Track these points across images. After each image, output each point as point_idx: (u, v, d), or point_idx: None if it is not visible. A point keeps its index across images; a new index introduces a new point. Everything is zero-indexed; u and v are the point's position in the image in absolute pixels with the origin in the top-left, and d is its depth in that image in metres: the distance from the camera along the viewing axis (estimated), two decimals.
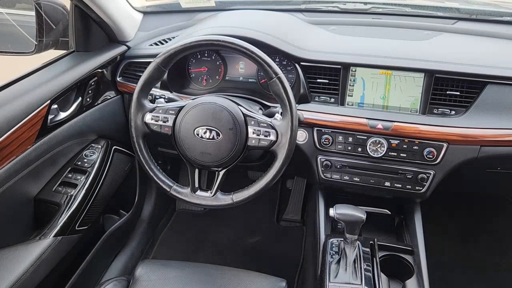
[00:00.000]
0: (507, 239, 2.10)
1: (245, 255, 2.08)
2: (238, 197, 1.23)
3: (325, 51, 1.47)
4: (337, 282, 1.21)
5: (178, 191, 1.27)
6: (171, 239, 2.16)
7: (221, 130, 1.19)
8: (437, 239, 2.08)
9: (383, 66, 1.40)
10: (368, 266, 1.27)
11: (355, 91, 1.44)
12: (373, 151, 1.40)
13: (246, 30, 1.46)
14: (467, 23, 1.72)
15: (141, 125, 1.25)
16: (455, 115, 1.38)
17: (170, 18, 1.81)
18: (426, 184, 1.40)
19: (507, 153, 1.36)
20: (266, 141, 1.20)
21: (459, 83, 1.37)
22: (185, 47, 1.18)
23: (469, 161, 1.36)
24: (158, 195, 2.09)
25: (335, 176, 1.47)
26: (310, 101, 1.47)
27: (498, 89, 1.35)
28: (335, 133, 1.42)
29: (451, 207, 2.22)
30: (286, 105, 1.18)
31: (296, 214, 2.30)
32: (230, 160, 1.22)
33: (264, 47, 1.44)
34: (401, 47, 1.49)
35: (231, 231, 2.21)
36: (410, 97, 1.41)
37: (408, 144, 1.37)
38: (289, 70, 1.55)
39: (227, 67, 1.64)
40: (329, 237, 1.41)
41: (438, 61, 1.38)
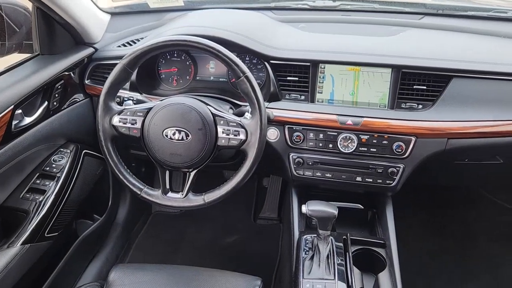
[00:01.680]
0: (478, 229, 2.15)
1: (223, 255, 2.08)
2: (210, 198, 1.23)
3: (294, 49, 1.47)
4: (311, 278, 1.22)
5: (148, 193, 1.25)
6: (148, 242, 2.13)
7: (190, 131, 1.19)
8: (410, 231, 2.12)
9: (351, 62, 1.41)
10: (342, 260, 1.29)
11: (324, 88, 1.45)
12: (344, 147, 1.41)
13: (214, 30, 1.45)
14: (433, 18, 1.75)
15: (109, 128, 1.23)
16: (422, 109, 1.40)
17: (138, 18, 1.79)
18: (396, 177, 1.42)
19: (473, 145, 1.38)
20: (236, 141, 1.20)
21: (425, 78, 1.39)
22: (151, 48, 1.17)
23: (437, 153, 1.39)
24: (133, 198, 2.07)
25: (307, 173, 1.47)
26: (281, 99, 1.48)
27: (463, 83, 1.38)
28: (306, 130, 1.43)
29: (423, 200, 2.26)
30: (254, 104, 1.18)
31: (273, 212, 2.31)
32: (200, 161, 1.21)
33: (232, 46, 1.44)
34: (369, 43, 1.50)
35: (208, 232, 2.20)
36: (378, 92, 1.42)
37: (377, 139, 1.39)
38: (260, 68, 1.55)
39: (198, 67, 1.63)
40: (303, 233, 1.42)
41: (404, 56, 1.40)
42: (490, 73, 1.38)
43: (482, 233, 2.13)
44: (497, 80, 1.38)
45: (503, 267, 1.97)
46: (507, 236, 2.12)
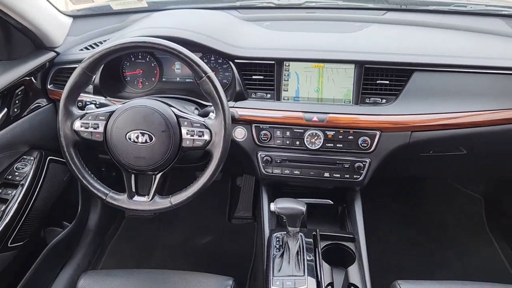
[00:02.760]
0: (447, 219, 2.20)
1: (197, 256, 2.07)
2: (177, 200, 1.22)
3: (258, 48, 1.48)
4: (281, 276, 1.23)
5: (114, 198, 1.24)
6: (121, 247, 2.11)
7: (154, 133, 1.17)
8: (381, 224, 2.15)
9: (314, 59, 1.42)
10: (311, 256, 1.30)
11: (290, 86, 1.46)
12: (311, 144, 1.42)
13: (176, 30, 1.44)
14: (396, 14, 1.78)
15: (71, 134, 1.21)
16: (386, 103, 1.42)
17: (101, 21, 1.76)
18: (363, 172, 1.44)
19: (436, 137, 1.41)
20: (200, 141, 1.19)
21: (388, 72, 1.41)
22: (110, 51, 1.15)
23: (402, 146, 1.41)
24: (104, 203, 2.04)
25: (276, 171, 1.48)
26: (247, 98, 1.48)
27: (424, 76, 1.41)
28: (273, 128, 1.44)
29: (394, 192, 2.30)
30: (217, 104, 1.18)
31: (247, 211, 2.31)
32: (165, 163, 1.20)
33: (196, 46, 1.44)
34: (332, 40, 1.52)
35: (183, 233, 2.19)
36: (342, 88, 1.44)
37: (343, 134, 1.40)
38: (225, 68, 1.55)
39: (163, 68, 1.61)
40: (273, 231, 1.42)
41: (367, 52, 1.42)
42: (450, 66, 1.41)
43: (452, 222, 2.18)
44: (457, 73, 1.41)
45: (472, 255, 2.02)
46: (475, 224, 2.17)
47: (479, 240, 2.09)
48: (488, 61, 1.43)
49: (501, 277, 1.89)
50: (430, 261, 1.98)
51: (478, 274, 1.91)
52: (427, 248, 2.05)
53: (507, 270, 1.93)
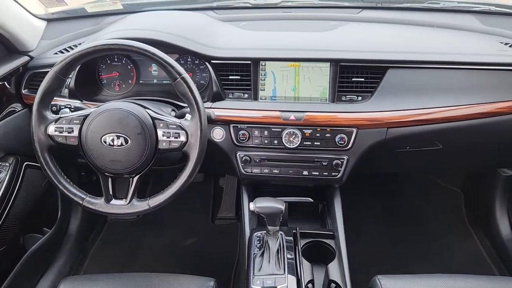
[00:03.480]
0: (428, 213, 2.23)
1: (182, 258, 2.06)
2: (155, 202, 1.22)
3: (234, 48, 1.48)
4: (261, 275, 1.23)
5: (91, 202, 1.23)
6: (104, 251, 2.09)
7: (129, 136, 1.17)
8: (362, 220, 2.18)
9: (290, 58, 1.43)
10: (292, 254, 1.30)
11: (266, 85, 1.46)
12: (289, 142, 1.43)
13: (151, 32, 1.43)
14: (371, 12, 1.81)
15: (45, 138, 1.19)
16: (362, 100, 1.43)
17: (76, 24, 1.75)
18: (341, 169, 1.45)
19: (412, 132, 1.43)
20: (176, 143, 1.19)
21: (363, 70, 1.43)
22: (82, 54, 1.14)
23: (378, 143, 1.43)
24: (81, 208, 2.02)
25: (255, 170, 1.48)
26: (225, 99, 1.48)
27: (399, 73, 1.43)
28: (251, 128, 1.44)
29: (374, 188, 2.32)
30: (193, 105, 1.18)
31: (231, 211, 2.31)
32: (142, 166, 1.20)
33: (171, 47, 1.43)
34: (307, 39, 1.53)
35: (166, 236, 2.18)
36: (319, 86, 1.45)
37: (320, 132, 1.41)
38: (202, 69, 1.54)
39: (140, 71, 1.60)
40: (254, 231, 1.43)
41: (342, 50, 1.43)
42: (424, 63, 1.43)
43: (432, 216, 2.21)
44: (431, 69, 1.44)
45: (452, 248, 2.05)
46: (455, 218, 2.21)
47: (459, 233, 2.12)
48: (461, 56, 1.45)
49: (480, 269, 1.92)
50: (411, 256, 2.00)
51: (458, 266, 1.94)
52: (408, 243, 2.08)
53: (486, 262, 1.96)
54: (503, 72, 1.44)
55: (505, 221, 1.92)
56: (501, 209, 1.93)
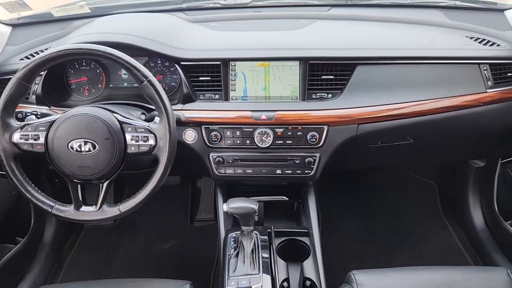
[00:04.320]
0: (404, 207, 2.26)
1: (160, 262, 2.05)
2: (125, 207, 1.20)
3: (203, 49, 1.47)
4: (236, 275, 1.23)
5: (60, 210, 1.21)
6: (81, 258, 2.06)
7: (97, 141, 1.15)
8: (339, 216, 2.19)
9: (259, 58, 1.43)
10: (267, 254, 1.31)
11: (237, 85, 1.46)
12: (261, 142, 1.42)
13: (118, 35, 1.41)
14: (340, 9, 1.82)
15: (10, 147, 1.17)
16: (332, 98, 1.44)
17: (43, 28, 1.71)
18: (313, 167, 1.46)
19: (382, 128, 1.45)
20: (145, 146, 1.18)
21: (332, 67, 1.44)
22: (45, 60, 1.13)
23: (350, 139, 1.44)
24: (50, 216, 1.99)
25: (228, 171, 1.48)
26: (195, 100, 1.47)
27: (367, 69, 1.44)
28: (223, 129, 1.43)
29: (350, 184, 2.35)
30: (160, 108, 1.17)
31: (209, 212, 2.30)
32: (111, 171, 1.18)
33: (139, 50, 1.42)
34: (277, 38, 1.53)
35: (144, 240, 2.16)
36: (289, 85, 1.45)
37: (292, 131, 1.42)
38: (173, 71, 1.53)
39: (110, 74, 1.58)
40: (229, 231, 1.42)
41: (310, 48, 1.44)
42: (392, 58, 1.45)
43: (408, 210, 2.24)
44: (399, 65, 1.46)
45: (428, 240, 2.08)
46: (430, 210, 2.24)
47: (434, 226, 2.16)
48: (428, 51, 1.47)
49: (456, 259, 1.96)
50: (388, 249, 2.03)
51: (434, 258, 1.97)
52: (385, 237, 2.10)
53: (462, 252, 2.00)
54: (469, 66, 1.47)
55: (478, 211, 1.96)
56: (474, 200, 1.97)
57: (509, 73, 1.49)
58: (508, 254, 1.77)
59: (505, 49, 1.51)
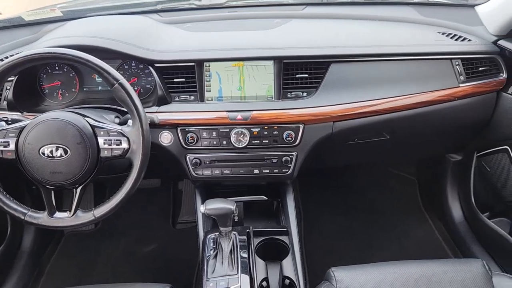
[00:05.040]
0: (383, 203, 2.28)
1: (142, 266, 2.03)
2: (100, 212, 1.19)
3: (177, 50, 1.46)
4: (215, 277, 1.23)
5: (33, 217, 1.19)
6: (61, 265, 2.03)
7: (69, 146, 1.14)
8: (319, 213, 2.20)
9: (233, 58, 1.43)
10: (246, 254, 1.30)
11: (212, 86, 1.46)
12: (237, 142, 1.42)
13: (89, 38, 1.40)
14: (315, 8, 1.83)
15: None
16: (307, 96, 1.45)
17: (13, 33, 1.68)
18: (291, 165, 1.46)
19: (358, 125, 1.46)
20: (119, 150, 1.17)
21: (306, 66, 1.44)
22: (11, 66, 1.11)
23: (326, 137, 1.45)
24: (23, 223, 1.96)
25: (206, 172, 1.47)
26: (171, 102, 1.46)
27: (341, 67, 1.45)
28: (199, 130, 1.43)
29: (330, 182, 2.36)
30: (133, 111, 1.16)
31: (191, 214, 2.29)
32: (84, 176, 1.17)
33: (112, 53, 1.41)
34: (251, 38, 1.53)
35: (126, 245, 2.14)
36: (264, 84, 1.45)
37: (268, 130, 1.42)
38: (147, 73, 1.52)
39: (83, 78, 1.56)
40: (208, 233, 1.42)
41: (284, 48, 1.44)
42: (365, 56, 1.46)
43: (389, 205, 2.26)
44: (372, 62, 1.47)
45: (409, 235, 2.10)
46: (411, 205, 2.27)
47: (415, 220, 2.18)
48: (400, 48, 1.49)
49: (436, 252, 1.98)
50: (369, 245, 2.04)
51: (415, 252, 1.99)
52: (366, 233, 2.12)
53: (442, 245, 2.02)
54: (441, 61, 1.49)
55: (457, 204, 1.98)
56: (452, 194, 2.00)
57: (480, 68, 1.52)
58: (485, 246, 1.80)
59: (476, 44, 1.53)
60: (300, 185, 2.23)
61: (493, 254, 1.76)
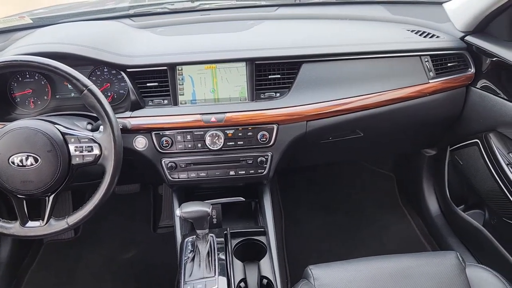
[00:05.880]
0: (363, 199, 2.31)
1: (123, 272, 2.01)
2: (74, 220, 1.18)
3: (149, 55, 1.46)
4: (192, 280, 1.23)
5: (5, 227, 1.18)
6: (41, 275, 2.00)
7: (39, 155, 1.13)
8: (301, 212, 2.22)
9: (205, 61, 1.43)
10: (223, 256, 1.31)
11: (185, 90, 1.46)
12: (212, 144, 1.43)
13: (58, 45, 1.39)
14: (287, 9, 1.84)
15: None
16: (280, 97, 1.46)
17: None
18: (266, 166, 1.47)
19: (331, 123, 1.48)
20: (90, 157, 1.17)
21: (278, 67, 1.45)
22: None
23: (300, 136, 1.46)
24: None
25: (182, 176, 1.47)
26: (144, 107, 1.45)
27: (313, 67, 1.46)
28: (174, 134, 1.43)
29: (310, 180, 2.38)
30: (103, 116, 1.16)
31: (172, 218, 2.27)
32: (56, 184, 1.16)
33: (82, 59, 1.39)
34: (223, 40, 1.53)
35: (106, 252, 2.12)
36: (237, 86, 1.46)
37: (242, 131, 1.43)
38: (120, 78, 1.51)
39: (55, 85, 1.54)
40: (186, 236, 1.42)
41: (256, 49, 1.45)
42: (335, 55, 1.48)
43: (368, 202, 2.29)
44: (343, 61, 1.49)
45: (388, 230, 2.13)
46: (390, 201, 2.30)
47: (394, 215, 2.21)
48: (370, 46, 1.51)
49: (415, 246, 2.01)
50: (350, 242, 2.06)
51: (394, 247, 2.02)
52: (347, 230, 2.14)
53: (420, 239, 2.06)
54: (410, 58, 1.52)
55: (433, 198, 2.02)
56: (429, 188, 2.03)
57: (449, 63, 1.55)
58: (461, 238, 1.84)
59: (444, 40, 1.56)
60: (280, 185, 2.24)
61: (468, 246, 1.79)
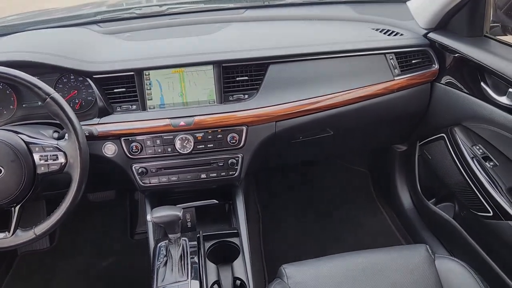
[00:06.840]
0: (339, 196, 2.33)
1: (99, 281, 1.99)
2: (41, 229, 1.17)
3: (115, 60, 1.45)
4: (164, 284, 1.23)
5: None
6: (15, 287, 1.97)
7: (2, 165, 1.12)
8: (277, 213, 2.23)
9: (172, 65, 1.43)
10: (196, 259, 1.31)
11: (153, 94, 1.45)
12: (182, 148, 1.43)
13: (20, 53, 1.37)
14: (255, 11, 1.85)
15: None
16: (248, 98, 1.47)
17: None
18: (237, 167, 1.47)
19: (300, 123, 1.49)
20: (56, 165, 1.16)
21: (245, 68, 1.46)
22: None
23: (270, 137, 1.47)
24: None
25: (153, 181, 1.47)
26: (112, 113, 1.44)
27: (280, 68, 1.48)
28: (143, 139, 1.42)
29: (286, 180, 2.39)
30: (67, 124, 1.15)
31: None
32: (21, 194, 1.15)
33: (46, 67, 1.38)
34: (190, 44, 1.54)
35: (83, 260, 2.10)
36: (205, 89, 1.46)
37: (212, 134, 1.43)
38: (87, 85, 1.50)
39: (22, 94, 1.52)
40: (159, 241, 1.41)
41: (222, 52, 1.46)
42: (302, 55, 1.50)
43: (344, 199, 2.32)
44: (309, 61, 1.51)
45: (364, 225, 2.16)
46: (364, 196, 2.33)
47: (369, 211, 2.24)
48: (336, 46, 1.54)
49: (389, 241, 2.04)
50: (327, 240, 2.08)
51: (370, 242, 2.04)
52: (324, 227, 2.16)
53: (394, 233, 2.09)
54: (375, 56, 1.55)
55: (406, 193, 2.05)
56: (401, 182, 2.07)
57: (413, 60, 1.58)
58: (433, 231, 1.87)
59: (408, 38, 1.60)
60: (257, 186, 2.25)
61: (440, 238, 1.83)
